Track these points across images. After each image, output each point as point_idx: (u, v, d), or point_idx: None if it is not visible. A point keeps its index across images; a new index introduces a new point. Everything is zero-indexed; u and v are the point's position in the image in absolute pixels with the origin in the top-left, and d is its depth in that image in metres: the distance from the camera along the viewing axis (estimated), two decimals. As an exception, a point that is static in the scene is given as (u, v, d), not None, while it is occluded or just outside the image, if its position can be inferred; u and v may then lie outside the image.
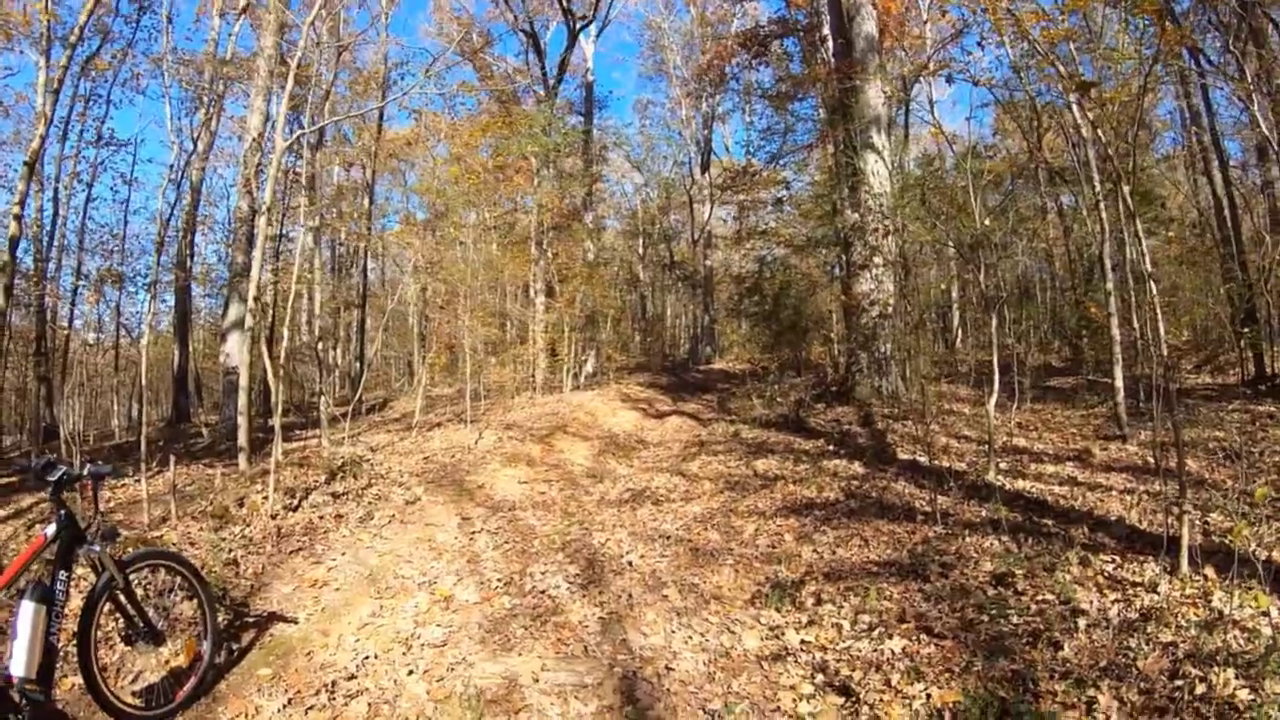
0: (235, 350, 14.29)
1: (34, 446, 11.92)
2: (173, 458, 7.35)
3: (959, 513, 6.79)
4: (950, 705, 3.55)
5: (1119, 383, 8.97)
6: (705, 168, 25.99)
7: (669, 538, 6.55)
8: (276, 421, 7.36)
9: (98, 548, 3.28)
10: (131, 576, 3.52)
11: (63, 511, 3.13)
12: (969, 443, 9.50)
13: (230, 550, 5.46)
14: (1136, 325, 9.29)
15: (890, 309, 11.29)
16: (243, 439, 8.07)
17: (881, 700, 3.71)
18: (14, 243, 4.59)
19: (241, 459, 7.98)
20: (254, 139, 13.61)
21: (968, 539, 6.11)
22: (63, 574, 3.07)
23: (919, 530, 6.52)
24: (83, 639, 3.17)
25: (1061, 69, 7.58)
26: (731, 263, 26.93)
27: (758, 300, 17.91)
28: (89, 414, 21.57)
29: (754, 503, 7.64)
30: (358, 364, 21.82)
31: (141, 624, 3.54)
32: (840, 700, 3.77)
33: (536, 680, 3.96)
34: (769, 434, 10.62)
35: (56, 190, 16.46)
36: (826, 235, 16.26)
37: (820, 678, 4.02)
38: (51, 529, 3.11)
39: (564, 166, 19.55)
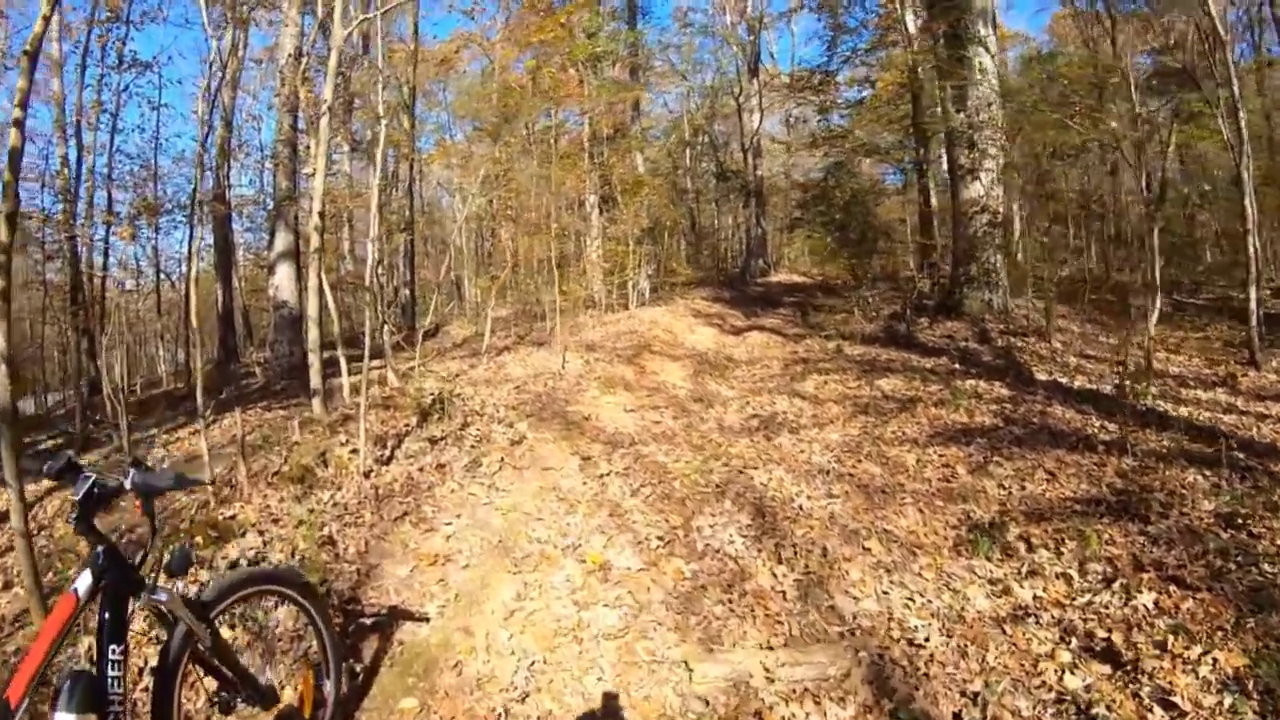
0: (285, 282, 13.23)
1: (79, 403, 10.99)
2: (238, 410, 6.35)
3: (1140, 441, 5.79)
4: (1242, 670, 2.93)
5: (1254, 303, 7.77)
6: (754, 73, 23.85)
7: (827, 472, 5.49)
8: (347, 356, 6.24)
9: (163, 595, 2.14)
10: (220, 616, 2.39)
11: (100, 548, 1.96)
12: (1098, 363, 8.33)
13: (324, 525, 4.32)
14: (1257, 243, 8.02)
15: (999, 216, 9.87)
16: (315, 379, 7.02)
17: (1161, 669, 3.02)
18: (14, 156, 3.11)
19: (316, 403, 6.94)
20: (290, 54, 12.18)
21: (1167, 472, 5.21)
22: (114, 649, 1.94)
23: (1107, 462, 5.62)
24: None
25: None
26: (790, 170, 25.15)
27: (824, 209, 16.35)
28: (133, 363, 20.58)
29: (899, 428, 6.58)
30: (407, 291, 20.77)
31: (240, 682, 2.41)
32: (1108, 669, 3.10)
33: (771, 680, 2.94)
34: (876, 350, 9.43)
35: (79, 125, 15.05)
36: (902, 141, 14.64)
37: (1074, 642, 3.32)
38: (84, 580, 1.91)
39: (611, 75, 17.83)
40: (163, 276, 19.40)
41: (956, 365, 8.34)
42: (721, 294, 17.51)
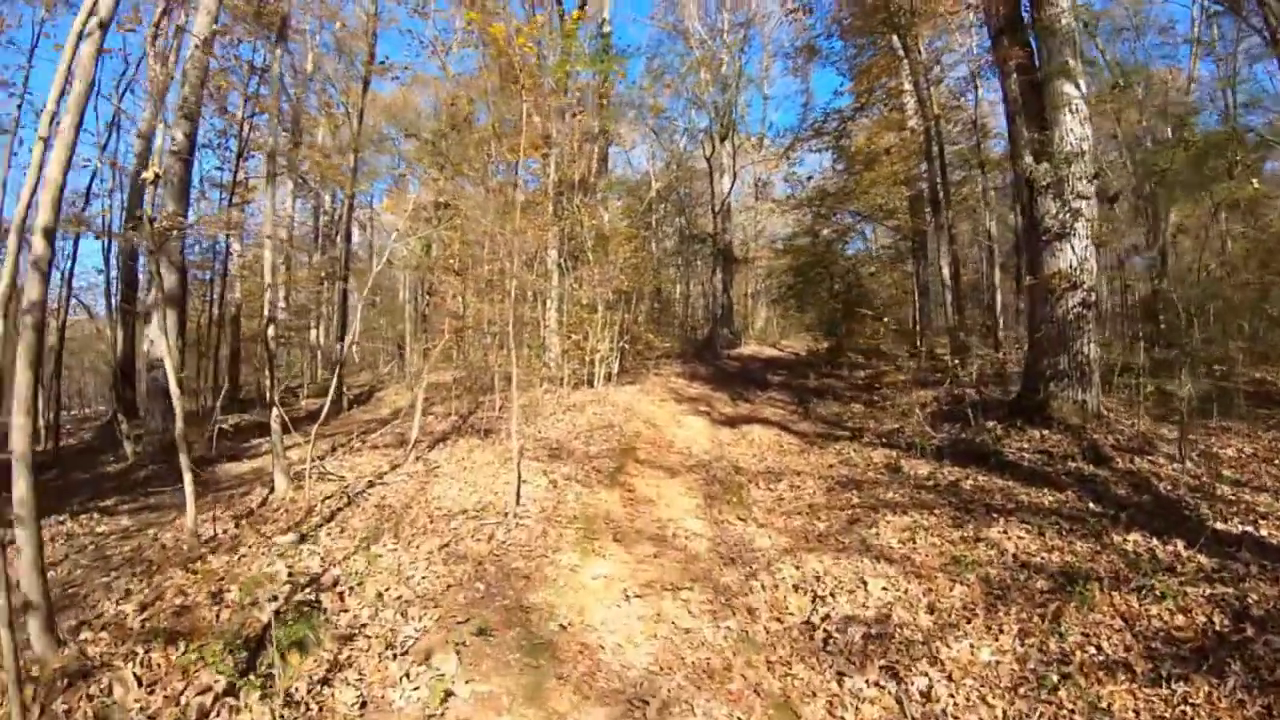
0: (159, 335, 9.83)
1: None
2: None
3: None
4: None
5: None
6: (726, 135, 21.62)
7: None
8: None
9: None
10: None
11: None
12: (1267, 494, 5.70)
13: None
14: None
15: (1094, 295, 7.31)
16: (188, 485, 3.80)
17: None
18: None
19: (188, 519, 3.69)
20: (200, 43, 9.02)
21: None
22: None
23: None
24: None
25: None
26: (758, 235, 22.81)
27: (811, 277, 13.79)
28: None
29: (1089, 641, 3.79)
30: (339, 347, 17.31)
31: None
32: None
33: None
34: (952, 471, 6.59)
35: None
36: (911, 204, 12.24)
37: None
38: None
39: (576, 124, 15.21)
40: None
41: (1090, 504, 5.53)
42: (696, 369, 14.63)
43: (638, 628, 3.64)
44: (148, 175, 6.42)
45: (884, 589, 4.32)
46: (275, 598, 3.27)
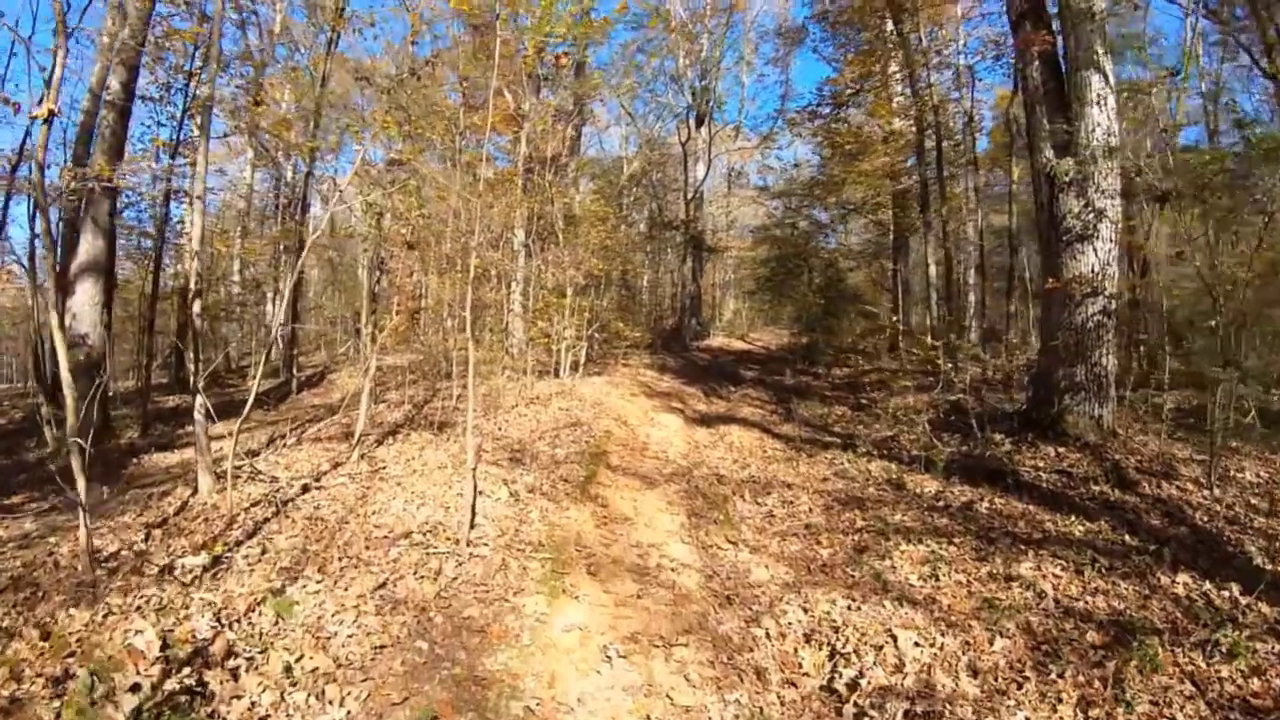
0: (87, 309, 8.70)
1: None
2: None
3: None
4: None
5: None
6: (701, 121, 20.72)
7: None
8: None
9: None
10: None
11: None
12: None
13: None
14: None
15: (1114, 302, 6.68)
16: (81, 492, 2.92)
17: None
18: None
19: (82, 537, 2.82)
20: None
21: None
22: None
23: None
24: None
25: None
26: (735, 225, 22.02)
27: (790, 269, 13.05)
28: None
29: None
30: (286, 329, 16.03)
31: None
32: None
33: None
34: (964, 491, 5.90)
35: None
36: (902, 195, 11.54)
37: None
38: None
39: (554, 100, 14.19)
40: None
41: (1125, 537, 4.88)
42: (665, 361, 13.82)
43: (625, 706, 2.79)
44: (40, 113, 5.28)
45: (916, 645, 3.55)
46: (138, 688, 2.32)
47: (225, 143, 22.67)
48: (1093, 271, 6.57)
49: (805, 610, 4.00)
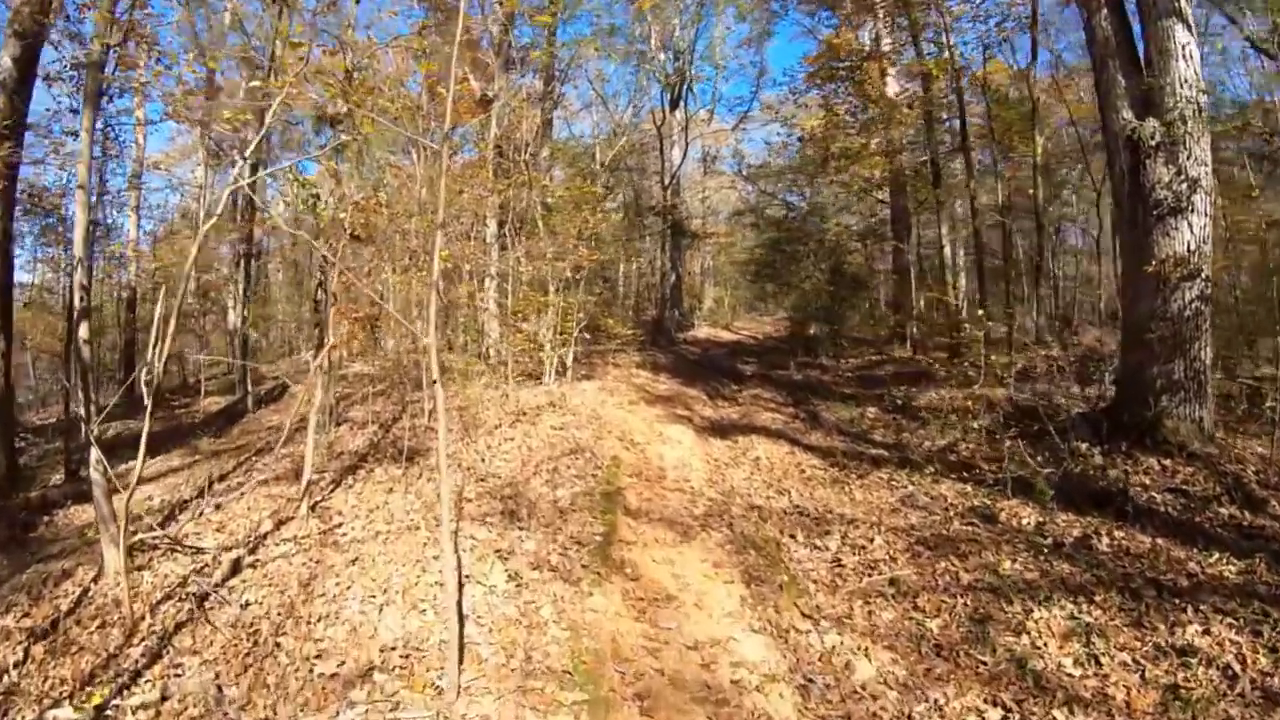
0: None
1: None
2: None
3: None
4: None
5: None
6: (676, 104, 19.26)
7: None
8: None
9: None
10: None
11: None
12: None
13: None
14: None
15: (1210, 286, 5.50)
16: None
17: None
18: None
19: None
20: None
21: None
22: None
23: None
24: None
25: None
26: (711, 211, 20.67)
27: (792, 254, 11.78)
28: None
29: None
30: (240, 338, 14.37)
31: None
32: None
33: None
34: (1060, 517, 4.65)
35: None
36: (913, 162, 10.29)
37: None
38: None
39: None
40: None
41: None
42: (656, 359, 12.44)
43: None
44: None
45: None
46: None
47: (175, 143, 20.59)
48: (1188, 250, 5.37)
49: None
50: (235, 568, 4.20)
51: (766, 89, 24.69)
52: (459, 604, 2.80)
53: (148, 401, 3.69)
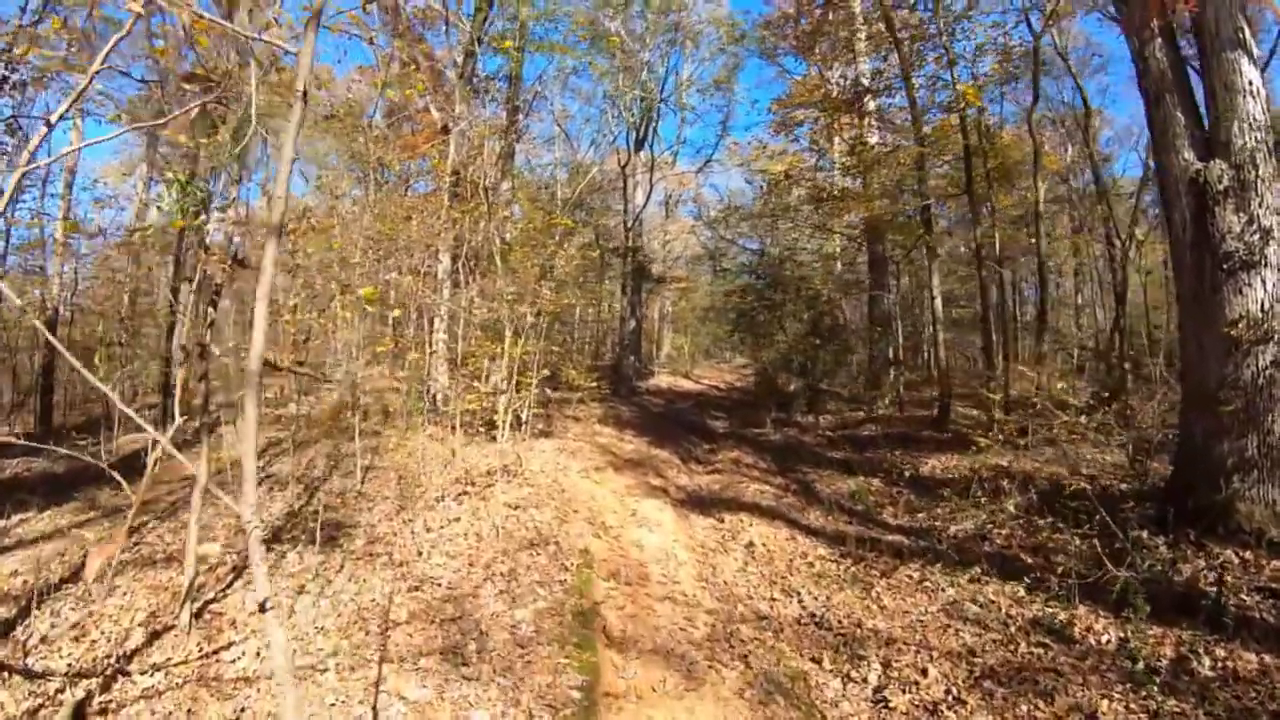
0: None
1: None
2: None
3: None
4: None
5: None
6: (641, 145, 18.48)
7: None
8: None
9: None
10: None
11: None
12: None
13: None
14: None
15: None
16: None
17: None
18: None
19: None
20: None
21: None
22: None
23: None
24: None
25: None
26: (672, 256, 19.81)
27: (773, 303, 10.88)
28: None
29: None
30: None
31: None
32: None
33: None
34: (1146, 631, 3.61)
35: None
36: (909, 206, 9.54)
37: None
38: None
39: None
40: None
41: None
42: (618, 411, 11.27)
43: None
44: None
45: None
46: None
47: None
48: (1262, 309, 4.56)
49: None
50: (79, 712, 2.84)
51: (734, 131, 24.35)
52: None
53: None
